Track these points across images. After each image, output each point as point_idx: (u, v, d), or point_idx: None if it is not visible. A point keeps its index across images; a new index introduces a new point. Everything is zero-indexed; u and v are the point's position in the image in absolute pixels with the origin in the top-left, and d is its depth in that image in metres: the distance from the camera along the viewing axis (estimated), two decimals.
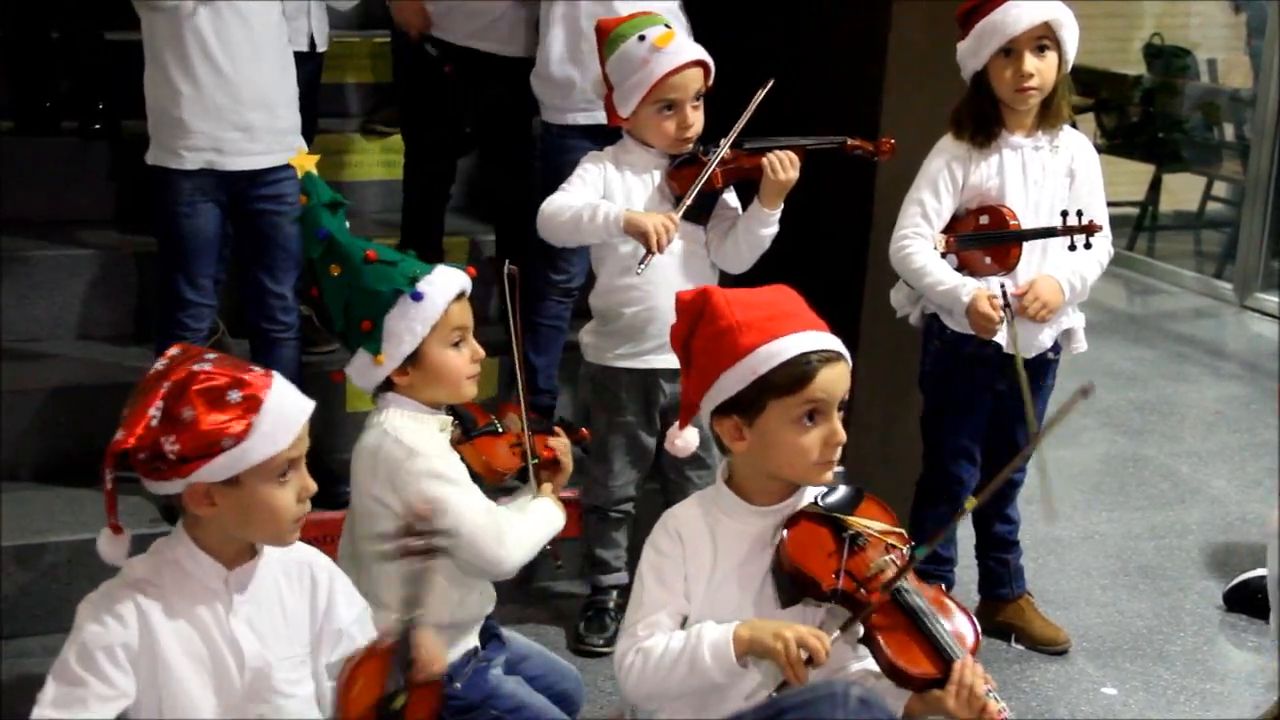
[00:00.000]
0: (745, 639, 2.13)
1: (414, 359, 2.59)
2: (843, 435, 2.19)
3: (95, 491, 3.65)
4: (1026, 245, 3.23)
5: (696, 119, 3.20)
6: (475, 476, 2.67)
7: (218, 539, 2.12)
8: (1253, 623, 3.65)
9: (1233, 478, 4.61)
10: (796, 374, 2.17)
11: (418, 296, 2.55)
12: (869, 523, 2.27)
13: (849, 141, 3.27)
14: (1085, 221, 3.18)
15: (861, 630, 2.19)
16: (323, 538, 2.59)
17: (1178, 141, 7.66)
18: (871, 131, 3.54)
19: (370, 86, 5.22)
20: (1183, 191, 7.82)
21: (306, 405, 2.13)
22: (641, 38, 3.17)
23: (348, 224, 2.63)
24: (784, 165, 3.14)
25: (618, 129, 3.32)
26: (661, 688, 2.18)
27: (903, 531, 2.31)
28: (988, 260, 3.23)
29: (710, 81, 3.23)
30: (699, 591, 2.24)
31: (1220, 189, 7.68)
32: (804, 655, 2.09)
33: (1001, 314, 3.17)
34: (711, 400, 2.25)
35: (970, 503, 2.33)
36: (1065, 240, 3.21)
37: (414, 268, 2.60)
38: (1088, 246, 3.21)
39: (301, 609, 2.21)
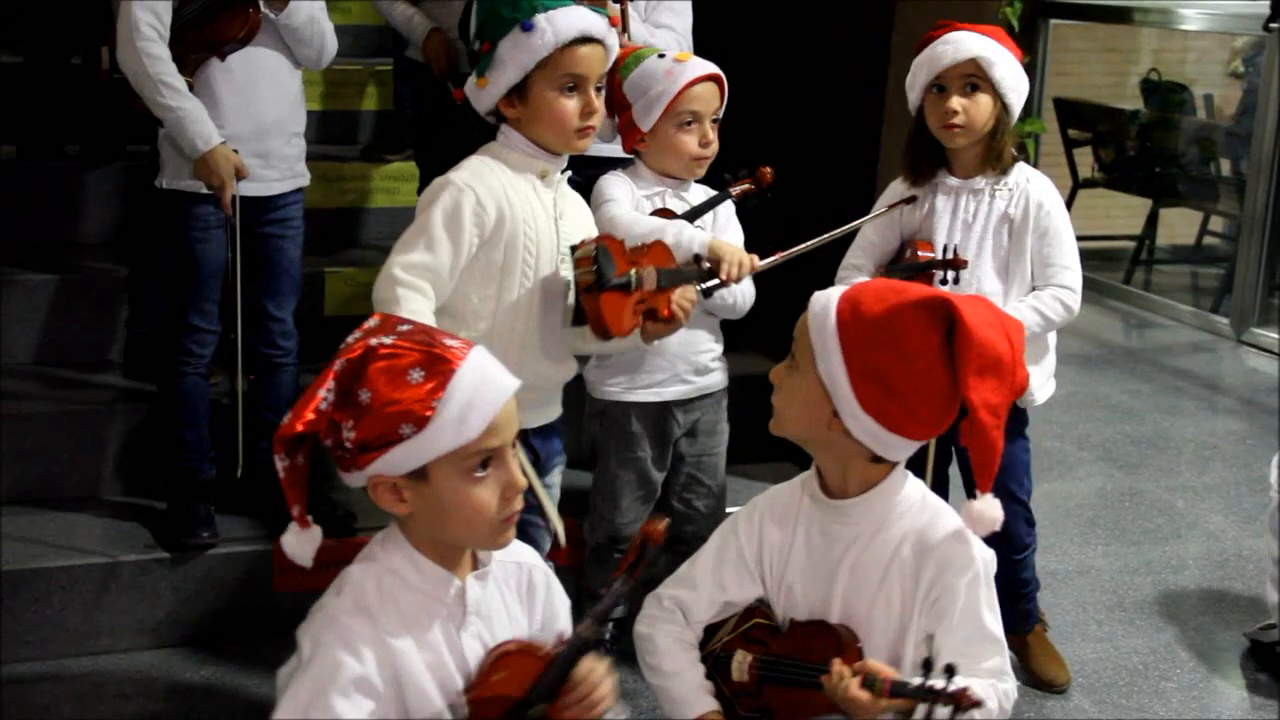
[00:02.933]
0: None
1: (522, 93, 2.60)
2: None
3: (88, 516, 3.68)
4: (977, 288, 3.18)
5: (715, 139, 3.21)
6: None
7: (430, 541, 1.85)
8: (1259, 672, 3.64)
9: (1229, 513, 4.60)
10: None
11: (527, 27, 2.53)
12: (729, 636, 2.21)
13: (734, 190, 3.24)
14: (952, 256, 3.15)
15: None
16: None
17: (1174, 176, 7.68)
18: (871, 167, 3.55)
19: (372, 113, 5.24)
20: (1179, 226, 7.84)
21: (507, 386, 1.81)
22: (661, 55, 3.20)
23: None
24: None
25: (593, 158, 3.34)
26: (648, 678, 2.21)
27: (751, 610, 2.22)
28: None
29: (723, 105, 3.24)
30: (776, 576, 2.18)
31: (1217, 224, 7.70)
32: None
33: None
34: None
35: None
36: (941, 277, 3.17)
37: (547, 1, 2.55)
38: (955, 281, 3.15)
39: (522, 620, 1.97)
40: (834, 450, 2.10)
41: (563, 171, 2.78)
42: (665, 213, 3.19)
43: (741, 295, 3.22)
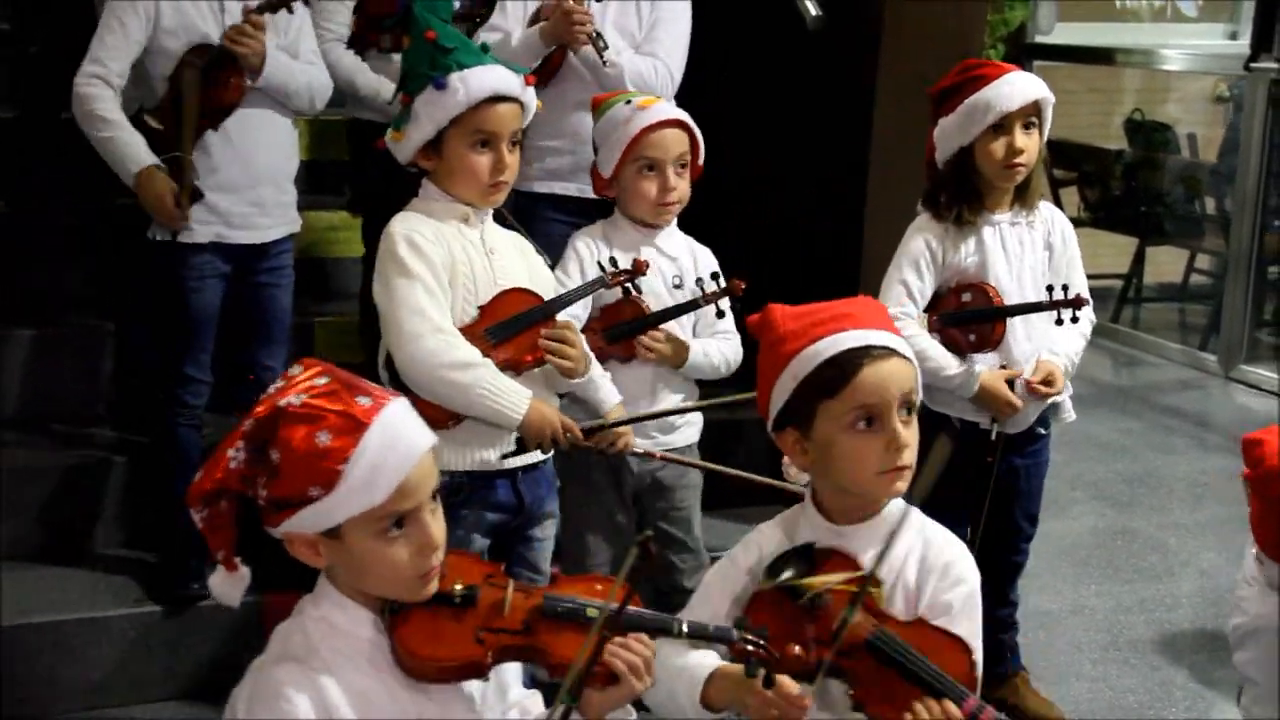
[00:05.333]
0: (715, 699, 2.01)
1: (437, 148, 2.69)
2: (904, 438, 2.03)
3: (78, 571, 3.66)
4: (1008, 320, 3.23)
5: (680, 186, 3.18)
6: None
7: (355, 588, 1.82)
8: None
9: (1221, 550, 4.60)
10: (836, 373, 2.03)
11: (440, 85, 2.61)
12: (828, 577, 2.06)
13: (704, 298, 3.14)
14: (1071, 296, 3.20)
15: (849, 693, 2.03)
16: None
17: (1160, 215, 7.72)
18: (859, 210, 3.55)
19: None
20: (1166, 264, 7.87)
21: (418, 445, 1.77)
22: (628, 101, 3.22)
23: (456, 4, 2.66)
24: None
25: (585, 201, 3.34)
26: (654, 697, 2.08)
27: (863, 571, 2.09)
28: (972, 338, 3.22)
29: (699, 156, 3.24)
30: None
31: (1203, 261, 7.73)
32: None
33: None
34: (770, 416, 2.12)
35: None
36: (1051, 315, 3.22)
37: (463, 59, 2.63)
38: (1074, 320, 3.22)
39: None
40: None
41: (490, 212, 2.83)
42: (633, 306, 3.14)
43: (723, 361, 3.24)
